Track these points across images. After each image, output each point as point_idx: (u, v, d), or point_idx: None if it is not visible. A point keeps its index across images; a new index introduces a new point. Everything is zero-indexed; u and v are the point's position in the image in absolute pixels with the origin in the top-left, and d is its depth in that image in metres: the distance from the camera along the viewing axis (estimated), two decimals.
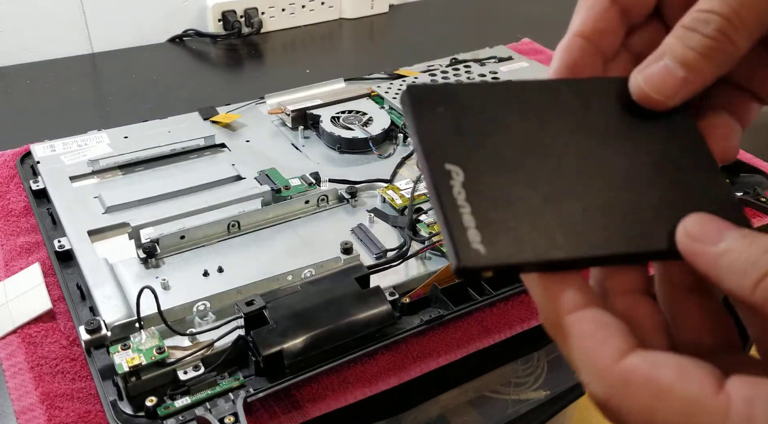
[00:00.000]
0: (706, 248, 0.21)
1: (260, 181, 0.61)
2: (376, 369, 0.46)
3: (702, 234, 0.21)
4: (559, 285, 0.21)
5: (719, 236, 0.21)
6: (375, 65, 0.85)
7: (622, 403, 0.19)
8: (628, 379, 0.19)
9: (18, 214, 0.60)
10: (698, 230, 0.22)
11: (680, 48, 0.23)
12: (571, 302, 0.21)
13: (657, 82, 0.24)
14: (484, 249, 0.20)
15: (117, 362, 0.42)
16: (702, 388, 0.19)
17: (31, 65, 0.91)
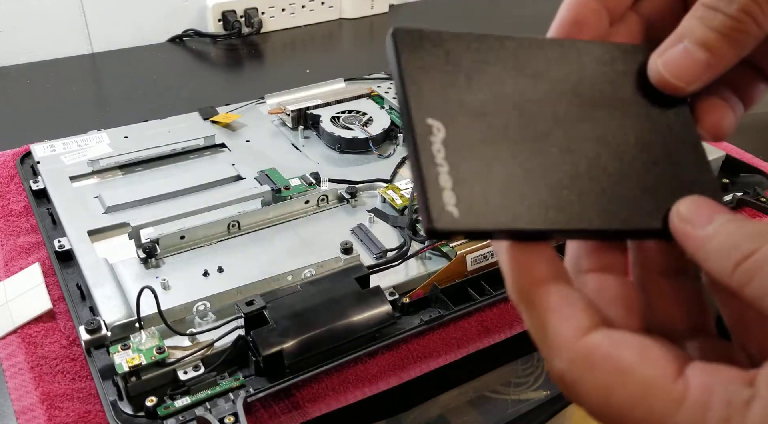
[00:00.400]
0: (696, 231, 0.21)
1: (260, 181, 0.61)
2: (376, 369, 0.46)
3: (694, 216, 0.21)
4: (530, 256, 0.21)
5: (710, 219, 0.21)
6: (375, 65, 0.85)
7: (581, 380, 0.19)
8: (588, 356, 0.19)
9: (18, 214, 0.60)
10: (692, 211, 0.21)
11: (701, 30, 0.22)
12: (540, 274, 0.21)
13: (677, 67, 0.23)
14: (457, 212, 0.20)
15: (117, 362, 0.42)
16: (662, 372, 0.19)
17: (31, 65, 0.91)
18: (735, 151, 0.68)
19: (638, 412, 0.18)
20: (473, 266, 0.52)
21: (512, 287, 0.21)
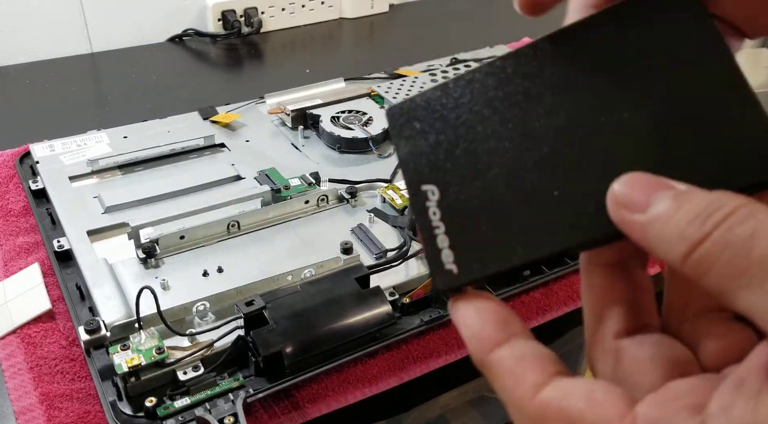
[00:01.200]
0: (634, 216, 0.19)
1: (260, 181, 0.61)
2: (376, 369, 0.46)
3: (629, 199, 0.19)
4: (476, 321, 0.21)
5: (648, 200, 0.19)
6: (375, 65, 0.85)
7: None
8: (543, 413, 0.20)
9: (17, 214, 0.60)
10: (626, 193, 0.19)
11: None
12: (492, 338, 0.21)
13: None
14: (456, 269, 0.21)
15: (116, 362, 0.42)
16: (610, 412, 0.19)
17: (31, 65, 0.91)
18: None
19: None
20: None
21: (473, 356, 0.22)
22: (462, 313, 0.22)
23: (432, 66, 0.81)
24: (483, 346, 0.21)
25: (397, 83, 0.76)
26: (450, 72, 0.78)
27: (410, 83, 0.76)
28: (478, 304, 0.22)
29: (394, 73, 0.81)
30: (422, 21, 1.11)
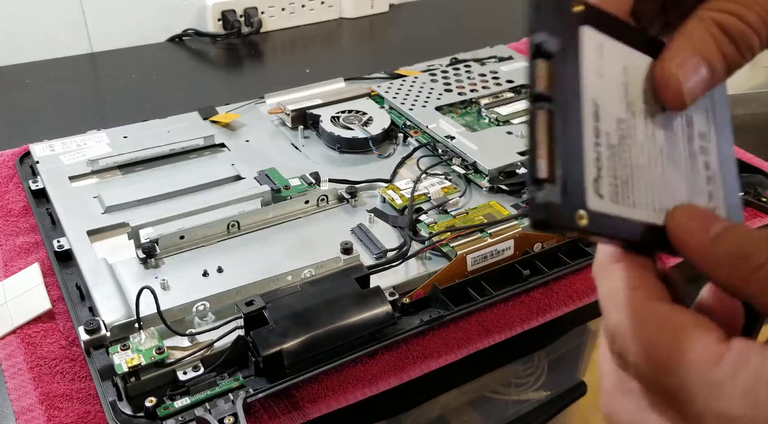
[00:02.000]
0: (695, 239, 0.22)
1: (260, 181, 0.61)
2: (376, 369, 0.46)
3: (692, 224, 0.22)
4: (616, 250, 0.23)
5: (707, 227, 0.21)
6: (375, 65, 0.85)
7: (632, 332, 0.21)
8: (645, 316, 0.21)
9: (17, 214, 0.60)
10: (689, 219, 0.22)
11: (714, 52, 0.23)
12: (612, 256, 0.23)
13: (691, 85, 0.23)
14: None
15: (116, 362, 0.42)
16: (709, 335, 0.20)
17: (31, 65, 0.91)
18: (735, 151, 0.68)
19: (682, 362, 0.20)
20: (473, 266, 0.52)
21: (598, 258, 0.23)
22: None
23: (432, 66, 0.81)
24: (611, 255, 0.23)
25: (397, 83, 0.76)
26: (450, 72, 0.78)
27: (410, 83, 0.76)
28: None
29: (394, 73, 0.81)
30: (422, 21, 1.11)
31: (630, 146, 0.21)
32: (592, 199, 0.19)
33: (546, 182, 0.19)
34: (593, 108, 0.20)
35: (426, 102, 0.72)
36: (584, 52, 0.20)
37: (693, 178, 0.24)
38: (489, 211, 0.57)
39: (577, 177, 0.19)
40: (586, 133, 0.20)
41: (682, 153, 0.24)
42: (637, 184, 0.22)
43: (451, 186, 0.60)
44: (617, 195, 0.21)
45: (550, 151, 0.19)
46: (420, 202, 0.58)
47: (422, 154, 0.66)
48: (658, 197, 0.22)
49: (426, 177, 0.61)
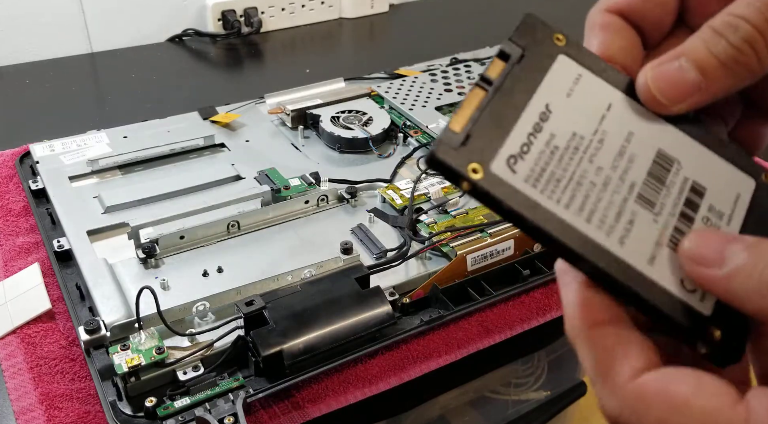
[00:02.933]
0: (712, 271, 0.20)
1: (260, 181, 0.61)
2: (376, 369, 0.46)
3: (703, 256, 0.20)
4: (594, 297, 0.21)
5: (722, 255, 0.19)
6: (375, 65, 0.85)
7: (635, 418, 0.19)
8: (641, 395, 0.19)
9: (17, 214, 0.60)
10: (698, 250, 0.20)
11: (701, 52, 0.22)
12: (601, 316, 0.20)
13: (666, 82, 0.22)
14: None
15: (116, 362, 0.42)
16: (720, 400, 0.18)
17: (31, 65, 0.91)
18: None
19: None
20: (473, 266, 0.52)
21: (571, 323, 0.21)
22: (570, 278, 0.21)
23: (432, 66, 0.81)
24: (588, 317, 0.20)
25: (397, 83, 0.76)
26: (450, 72, 0.78)
27: (410, 83, 0.76)
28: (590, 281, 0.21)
29: (394, 73, 0.81)
30: (422, 21, 1.11)
31: (581, 160, 0.22)
32: (499, 166, 0.21)
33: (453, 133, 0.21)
34: (541, 109, 0.23)
35: (426, 102, 0.72)
36: (552, 71, 0.23)
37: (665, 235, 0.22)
38: (489, 211, 0.57)
39: (488, 143, 0.21)
40: (522, 122, 0.22)
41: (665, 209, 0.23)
42: (574, 192, 0.22)
43: (451, 186, 0.60)
44: (539, 183, 0.21)
45: (469, 115, 0.22)
46: (420, 202, 0.58)
47: (422, 154, 0.66)
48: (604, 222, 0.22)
49: (426, 177, 0.61)
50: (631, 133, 0.23)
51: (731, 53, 0.21)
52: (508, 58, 0.23)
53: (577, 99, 0.23)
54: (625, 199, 0.22)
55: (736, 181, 0.23)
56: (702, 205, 0.23)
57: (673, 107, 0.22)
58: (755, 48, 0.21)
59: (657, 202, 0.22)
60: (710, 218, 0.22)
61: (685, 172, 0.23)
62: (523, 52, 0.23)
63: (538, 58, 0.23)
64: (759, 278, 0.18)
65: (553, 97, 0.23)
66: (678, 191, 0.23)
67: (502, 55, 0.23)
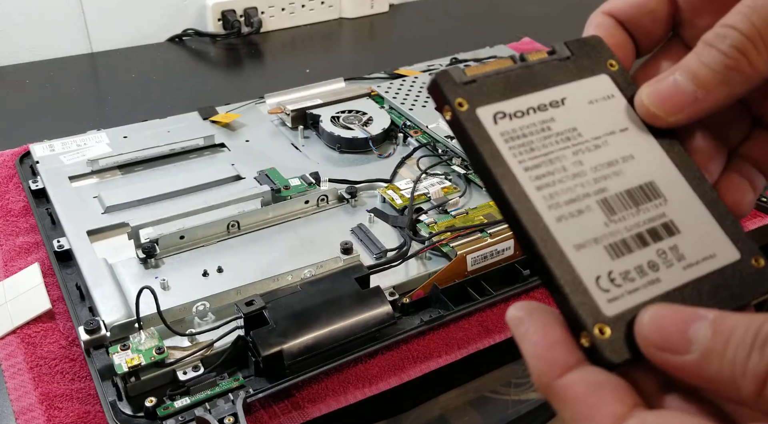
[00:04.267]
0: (680, 359, 0.18)
1: (260, 181, 0.61)
2: (376, 369, 0.46)
3: (666, 341, 0.19)
4: (547, 340, 0.20)
5: (685, 338, 0.18)
6: (375, 65, 0.85)
7: None
8: None
9: (17, 214, 0.60)
10: (660, 335, 0.19)
11: (694, 63, 0.22)
12: (561, 361, 0.20)
13: (661, 96, 0.23)
14: None
15: (116, 362, 0.42)
16: None
17: (31, 65, 0.91)
18: None
19: None
20: (473, 266, 0.52)
21: (538, 378, 0.20)
22: (525, 328, 0.20)
23: (432, 66, 0.81)
24: (551, 368, 0.19)
25: (397, 83, 0.76)
26: None
27: (410, 83, 0.76)
28: (542, 317, 0.21)
29: (394, 73, 0.81)
30: (422, 21, 1.11)
31: (565, 149, 0.24)
32: (485, 112, 0.23)
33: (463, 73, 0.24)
34: (555, 99, 0.24)
35: (426, 102, 0.72)
36: (588, 80, 0.25)
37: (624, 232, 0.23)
38: (489, 211, 0.57)
39: (487, 94, 0.23)
40: (529, 97, 0.24)
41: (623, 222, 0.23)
42: (540, 163, 0.23)
43: (451, 186, 0.60)
44: (511, 141, 0.23)
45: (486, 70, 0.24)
46: (420, 202, 0.58)
47: (422, 154, 0.66)
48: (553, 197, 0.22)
49: (426, 177, 0.61)
50: (631, 156, 0.24)
51: (722, 60, 0.21)
52: (553, 53, 0.25)
53: (597, 109, 0.24)
54: (587, 194, 0.23)
55: (717, 244, 0.23)
56: (666, 240, 0.23)
57: (670, 118, 0.23)
58: (745, 53, 0.21)
59: (618, 213, 0.23)
60: (667, 254, 0.23)
61: (666, 210, 0.23)
62: (570, 57, 0.25)
63: (581, 66, 0.25)
64: (731, 362, 0.17)
65: (574, 96, 0.24)
66: (647, 218, 0.23)
67: (550, 50, 0.25)
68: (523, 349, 0.21)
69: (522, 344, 0.21)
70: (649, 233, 0.23)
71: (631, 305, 0.21)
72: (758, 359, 0.17)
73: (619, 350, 0.20)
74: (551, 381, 0.20)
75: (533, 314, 0.21)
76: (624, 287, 0.22)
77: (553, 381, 0.19)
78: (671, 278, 0.22)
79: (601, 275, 0.22)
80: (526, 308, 0.21)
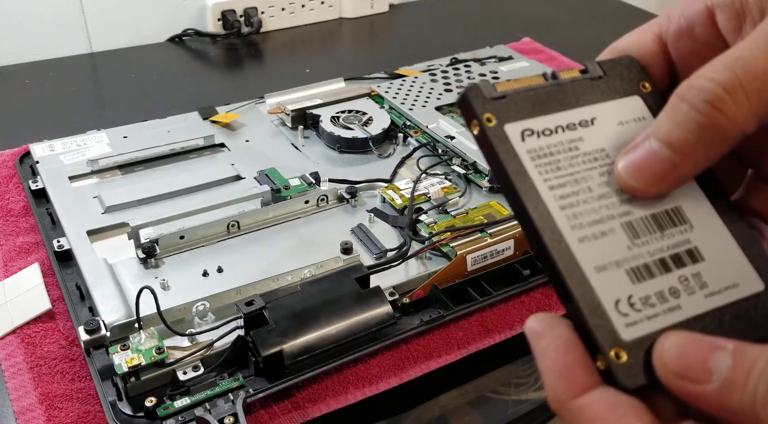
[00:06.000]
0: (701, 388, 0.18)
1: (260, 181, 0.61)
2: (376, 369, 0.46)
3: (688, 371, 0.18)
4: (567, 362, 0.20)
5: (706, 368, 0.18)
6: (375, 65, 0.85)
7: None
8: None
9: (17, 214, 0.60)
10: (682, 365, 0.19)
11: (667, 125, 0.20)
12: (580, 380, 0.19)
13: (639, 168, 0.21)
14: None
15: (116, 362, 0.42)
16: None
17: (31, 65, 0.91)
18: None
19: None
20: (473, 266, 0.52)
21: (554, 395, 0.20)
22: (546, 344, 0.20)
23: (432, 66, 0.81)
24: (569, 388, 0.19)
25: (397, 83, 0.76)
26: (450, 72, 0.78)
27: (410, 83, 0.76)
28: (563, 333, 0.20)
29: (394, 73, 0.81)
30: (422, 21, 1.11)
31: (592, 169, 0.23)
32: (513, 129, 0.23)
33: (493, 89, 0.24)
34: (585, 118, 0.24)
35: (426, 102, 0.72)
36: (619, 102, 0.25)
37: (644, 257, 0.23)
38: (489, 211, 0.57)
39: (516, 110, 0.23)
40: (558, 115, 0.24)
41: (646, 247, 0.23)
42: (565, 183, 0.23)
43: (451, 186, 0.60)
44: (538, 159, 0.23)
45: (517, 87, 0.24)
46: (420, 202, 0.58)
47: (422, 154, 0.66)
48: (577, 218, 0.22)
49: (426, 177, 0.61)
50: None
51: (695, 118, 0.19)
52: (585, 72, 0.25)
53: (627, 131, 0.24)
54: (612, 216, 0.23)
55: (741, 274, 0.23)
56: (689, 267, 0.23)
57: (651, 190, 0.22)
58: (721, 108, 0.19)
59: (642, 237, 0.23)
60: (689, 281, 0.22)
61: (691, 236, 0.23)
62: (602, 76, 0.25)
63: (613, 86, 0.25)
64: (752, 393, 0.17)
65: (604, 117, 0.24)
66: (671, 244, 0.23)
67: (583, 69, 0.25)
68: (541, 364, 0.20)
69: (541, 359, 0.20)
70: (673, 259, 0.23)
71: (649, 330, 0.21)
72: None
73: (634, 375, 0.20)
74: (567, 400, 0.19)
75: (555, 329, 0.20)
76: (643, 312, 0.21)
77: (570, 400, 0.19)
78: (692, 305, 0.22)
79: (621, 298, 0.21)
80: (547, 321, 0.21)
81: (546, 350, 0.20)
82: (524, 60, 0.83)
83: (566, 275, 0.21)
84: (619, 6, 1.16)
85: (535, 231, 0.22)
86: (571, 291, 0.21)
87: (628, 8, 1.15)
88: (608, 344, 0.21)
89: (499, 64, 0.81)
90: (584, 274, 0.21)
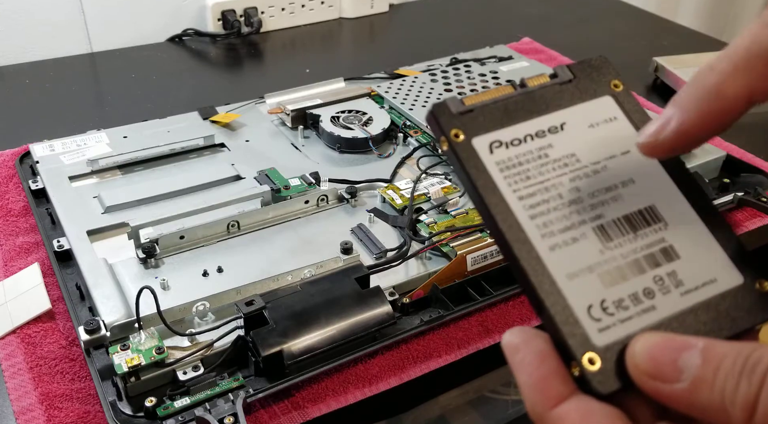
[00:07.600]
0: (671, 387, 0.18)
1: (260, 181, 0.61)
2: (376, 369, 0.46)
3: (658, 370, 0.19)
4: (541, 370, 0.20)
5: (676, 367, 0.18)
6: (375, 65, 0.85)
7: None
8: None
9: (17, 214, 0.60)
10: (651, 364, 0.19)
11: None
12: (555, 391, 0.20)
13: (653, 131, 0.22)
14: None
15: (116, 362, 0.42)
16: None
17: (31, 65, 0.91)
18: (735, 151, 0.68)
19: None
20: (473, 266, 0.52)
21: (532, 407, 0.20)
22: (521, 358, 0.20)
23: (432, 66, 0.81)
24: (545, 399, 0.19)
25: (397, 83, 0.76)
26: (450, 72, 0.78)
27: (410, 83, 0.76)
28: (538, 346, 0.20)
29: (394, 73, 0.81)
30: (422, 21, 1.11)
31: (562, 175, 0.24)
32: (480, 143, 0.23)
33: (460, 103, 0.24)
34: (555, 124, 0.24)
35: (426, 102, 0.72)
36: (590, 103, 0.26)
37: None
38: None
39: (484, 123, 0.24)
40: (527, 124, 0.24)
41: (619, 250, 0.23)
42: (535, 192, 0.23)
43: (451, 186, 0.60)
44: (507, 170, 0.23)
45: (484, 99, 0.24)
46: (420, 202, 0.58)
47: (422, 154, 0.66)
48: (547, 226, 0.22)
49: (426, 177, 0.61)
50: (632, 180, 0.24)
51: None
52: (555, 77, 0.25)
53: (598, 133, 0.24)
54: (583, 221, 0.23)
55: (719, 268, 0.23)
56: (663, 266, 0.22)
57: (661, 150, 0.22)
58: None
59: (615, 240, 0.23)
60: (664, 280, 0.22)
61: (665, 235, 0.23)
62: (572, 79, 0.25)
63: (584, 88, 0.25)
64: (721, 390, 0.17)
65: (574, 121, 0.24)
66: (644, 244, 0.23)
67: (552, 74, 0.25)
68: (517, 379, 0.20)
69: (517, 374, 0.20)
70: (646, 259, 0.22)
71: (623, 334, 0.21)
72: (747, 387, 0.17)
73: (607, 380, 0.20)
74: (544, 412, 0.19)
75: (529, 342, 0.21)
76: (617, 315, 0.21)
77: (547, 412, 0.19)
78: (667, 305, 0.22)
79: (593, 304, 0.21)
80: (521, 335, 0.21)
81: (521, 363, 0.20)
82: (524, 60, 0.83)
83: (537, 285, 0.21)
84: (619, 6, 1.16)
85: (506, 243, 0.22)
86: (543, 301, 0.21)
87: (628, 8, 1.15)
88: (581, 350, 0.21)
89: (499, 64, 0.81)
90: (555, 282, 0.21)
